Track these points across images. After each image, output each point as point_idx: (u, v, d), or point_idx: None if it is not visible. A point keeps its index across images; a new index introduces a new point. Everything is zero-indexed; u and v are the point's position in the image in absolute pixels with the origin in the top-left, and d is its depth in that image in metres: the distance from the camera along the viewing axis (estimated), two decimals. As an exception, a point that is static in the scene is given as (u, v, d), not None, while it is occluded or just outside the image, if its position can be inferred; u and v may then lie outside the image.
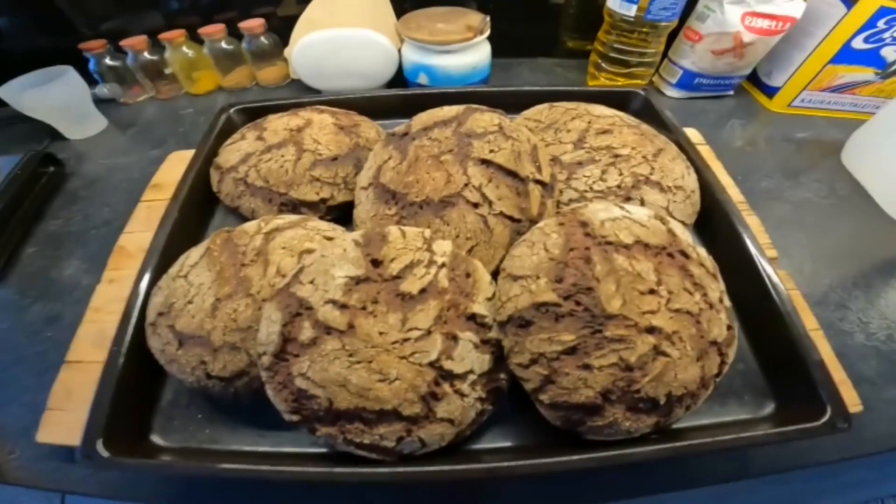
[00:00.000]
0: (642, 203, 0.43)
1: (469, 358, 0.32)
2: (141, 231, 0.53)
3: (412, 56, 0.67)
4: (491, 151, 0.40)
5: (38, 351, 0.45)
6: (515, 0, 0.80)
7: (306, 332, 0.30)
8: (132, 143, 0.73)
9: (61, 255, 0.55)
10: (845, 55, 0.66)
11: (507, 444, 0.37)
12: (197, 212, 0.51)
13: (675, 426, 0.36)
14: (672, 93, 0.76)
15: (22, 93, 0.66)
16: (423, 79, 0.68)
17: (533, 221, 0.40)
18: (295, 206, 0.47)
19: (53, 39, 0.79)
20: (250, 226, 0.41)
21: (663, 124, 0.56)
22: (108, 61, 0.76)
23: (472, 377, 0.32)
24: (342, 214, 0.49)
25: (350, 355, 0.30)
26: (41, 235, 0.57)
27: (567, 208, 0.38)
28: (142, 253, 0.50)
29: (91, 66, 0.76)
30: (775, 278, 0.39)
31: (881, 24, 0.62)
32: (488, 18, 0.65)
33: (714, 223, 0.47)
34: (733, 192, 0.53)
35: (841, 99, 0.73)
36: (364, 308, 0.31)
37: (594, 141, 0.46)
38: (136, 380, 0.37)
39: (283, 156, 0.48)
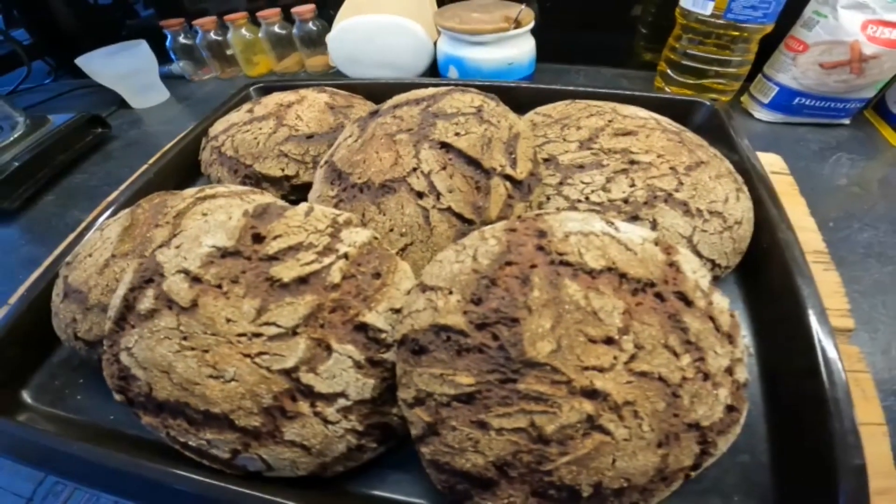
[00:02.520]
0: (654, 226, 0.32)
1: (343, 377, 0.25)
2: (134, 189, 0.54)
3: (445, 47, 0.62)
4: (456, 134, 0.32)
5: (3, 290, 0.46)
6: (588, 5, 0.72)
7: (146, 301, 0.25)
8: (180, 114, 0.77)
9: (69, 206, 0.57)
10: None
11: (417, 500, 0.28)
12: (175, 177, 0.50)
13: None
14: (763, 115, 0.61)
15: (94, 61, 0.72)
16: (452, 72, 0.63)
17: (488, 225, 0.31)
18: (258, 181, 0.44)
19: (154, 17, 0.88)
20: (190, 190, 0.37)
21: (731, 146, 0.43)
22: (182, 39, 0.82)
23: (343, 401, 0.25)
24: (306, 197, 0.44)
25: (184, 338, 0.24)
26: (64, 186, 0.61)
27: (530, 213, 0.29)
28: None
29: (168, 43, 0.82)
30: (831, 353, 0.26)
31: None
32: (528, 8, 0.57)
33: (767, 271, 0.34)
34: (810, 237, 0.38)
35: None
36: (219, 286, 0.25)
37: (608, 142, 0.36)
38: (32, 330, 0.35)
39: (260, 128, 0.45)
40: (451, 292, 0.24)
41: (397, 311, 0.27)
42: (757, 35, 0.55)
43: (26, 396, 0.34)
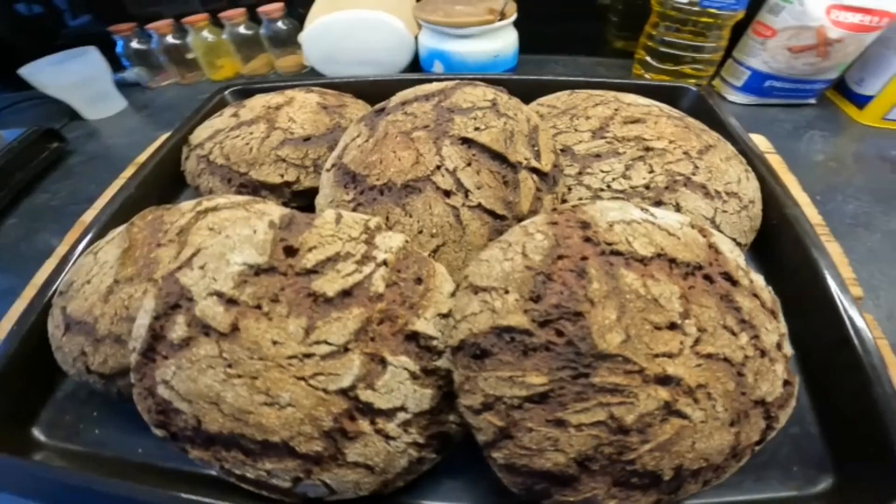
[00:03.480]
0: (678, 210, 0.33)
1: (401, 390, 0.23)
2: (107, 207, 0.49)
3: (427, 41, 0.61)
4: (476, 129, 0.31)
5: None
6: None
7: (178, 329, 0.22)
8: (141, 124, 0.71)
9: (37, 229, 0.52)
10: (964, 58, 0.52)
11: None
12: (158, 191, 0.46)
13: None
14: (736, 97, 0.64)
15: (41, 71, 0.66)
16: (437, 67, 0.61)
17: (521, 220, 0.30)
18: (255, 189, 0.41)
19: (92, 23, 0.81)
20: (187, 203, 0.34)
21: (721, 128, 0.45)
22: (134, 44, 0.76)
23: (403, 415, 0.24)
24: (309, 203, 0.42)
25: (228, 366, 0.22)
26: (26, 207, 0.55)
27: (566, 205, 0.29)
28: None
29: (119, 48, 0.76)
30: (859, 322, 0.28)
31: None
32: (512, 0, 0.57)
33: (780, 246, 0.36)
34: (809, 211, 0.40)
35: (957, 112, 0.57)
36: (258, 307, 0.23)
37: (619, 130, 0.36)
38: (31, 365, 0.32)
39: (251, 133, 0.42)
40: (507, 291, 0.23)
41: (444, 315, 0.26)
42: (730, 21, 0.57)
43: (38, 434, 0.31)
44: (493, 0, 0.58)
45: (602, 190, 0.33)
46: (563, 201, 0.34)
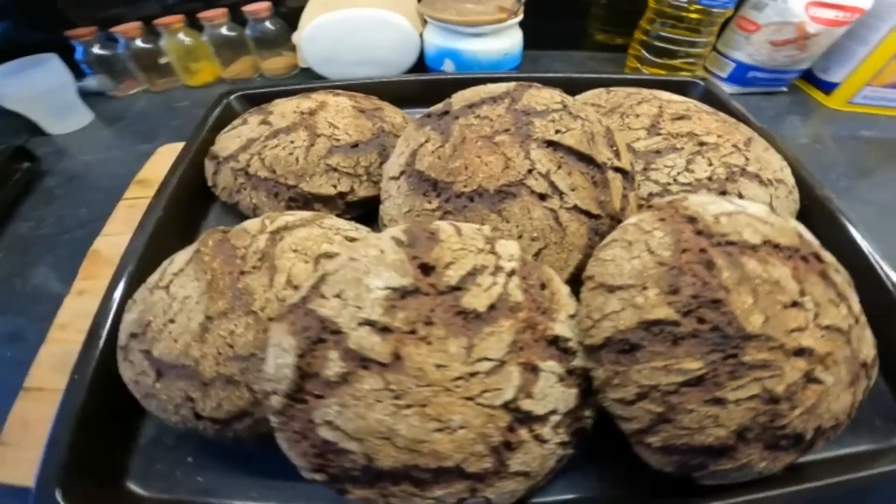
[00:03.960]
0: (740, 198, 0.35)
1: (553, 394, 0.24)
2: (120, 233, 0.44)
3: (436, 40, 0.60)
4: (558, 132, 0.32)
5: None
6: None
7: (333, 365, 0.21)
8: (118, 137, 0.65)
9: (29, 262, 0.46)
10: (914, 50, 0.59)
11: (572, 496, 0.28)
12: (187, 210, 0.43)
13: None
14: (722, 88, 0.69)
15: (-3, 81, 0.58)
16: (448, 65, 0.61)
17: (613, 218, 0.31)
18: (307, 202, 0.39)
19: (42, 30, 0.71)
20: (252, 224, 0.32)
21: (738, 119, 0.48)
22: (96, 50, 0.68)
23: (555, 418, 0.24)
24: (364, 213, 0.41)
25: (397, 397, 0.21)
26: (9, 239, 0.49)
27: (661, 200, 0.30)
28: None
29: (78, 55, 0.68)
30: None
31: (954, 15, 0.55)
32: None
33: (816, 225, 0.39)
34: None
35: (906, 96, 0.66)
36: (413, 332, 0.22)
37: (671, 127, 0.38)
38: (105, 414, 0.29)
39: (292, 141, 0.40)
40: (645, 287, 0.24)
41: (572, 316, 0.26)
42: (721, 18, 0.61)
43: (135, 487, 0.28)
44: (502, -1, 0.58)
45: (670, 184, 0.35)
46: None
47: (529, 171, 0.31)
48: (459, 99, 0.36)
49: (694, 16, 0.60)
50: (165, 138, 0.62)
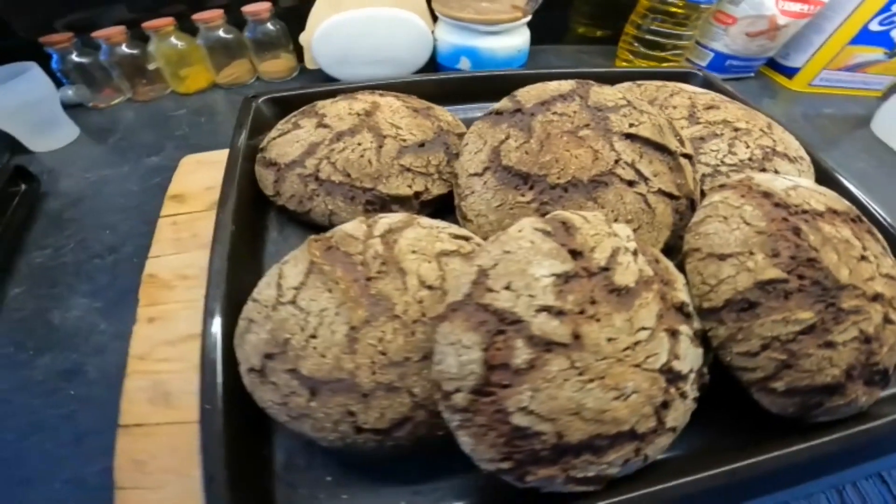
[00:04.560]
0: (776, 174, 0.40)
1: (689, 355, 0.27)
2: (172, 253, 0.43)
3: (451, 38, 0.61)
4: (631, 125, 0.35)
5: (61, 414, 0.34)
6: None
7: (521, 353, 0.23)
8: (117, 151, 0.60)
9: (61, 294, 0.42)
10: (863, 37, 0.69)
11: (675, 453, 0.31)
12: (251, 222, 0.41)
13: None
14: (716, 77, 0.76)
15: (-28, 93, 0.52)
16: (464, 63, 0.62)
17: (689, 198, 0.35)
18: (384, 204, 0.39)
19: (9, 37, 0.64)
20: (352, 228, 0.32)
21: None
22: (74, 58, 0.63)
23: (692, 376, 0.27)
24: (436, 210, 0.42)
25: (581, 374, 0.23)
26: (26, 270, 0.44)
27: (732, 180, 0.34)
28: (181, 281, 0.41)
29: (54, 64, 0.62)
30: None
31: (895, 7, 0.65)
32: (541, -4, 0.60)
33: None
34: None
35: (853, 77, 0.76)
36: (583, 312, 0.24)
37: (706, 115, 0.43)
38: (244, 443, 0.28)
39: (359, 144, 0.40)
40: (752, 253, 0.28)
41: (685, 284, 0.30)
42: (706, 13, 0.67)
43: None
44: (515, -4, 0.61)
45: (719, 166, 0.39)
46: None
47: (616, 161, 0.34)
48: (528, 97, 0.38)
49: (682, 11, 0.66)
50: (173, 149, 0.59)
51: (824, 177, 0.45)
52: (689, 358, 0.27)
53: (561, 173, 0.34)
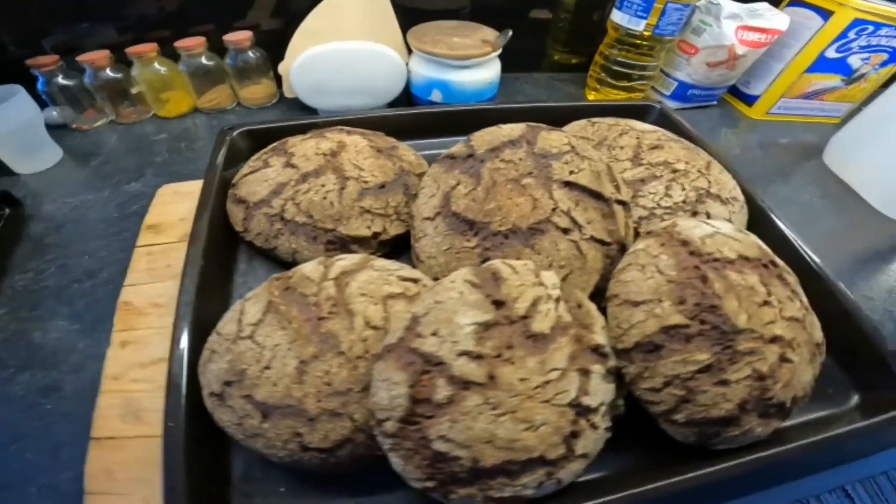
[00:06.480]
0: (708, 216, 0.43)
1: (600, 390, 0.30)
2: (147, 282, 0.45)
3: (424, 71, 0.64)
4: (571, 172, 0.38)
5: (40, 426, 0.37)
6: (501, 14, 0.80)
7: (441, 390, 0.26)
8: (99, 176, 0.63)
9: (42, 316, 0.45)
10: (819, 64, 0.72)
11: (601, 473, 0.34)
12: (220, 256, 0.44)
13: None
14: (667, 104, 0.79)
15: (-41, 120, 0.54)
16: (436, 95, 0.66)
17: (620, 243, 0.38)
18: (344, 244, 0.42)
19: None
20: (310, 270, 0.35)
21: (684, 136, 0.57)
22: (60, 80, 0.65)
23: (602, 409, 0.30)
24: (393, 250, 0.45)
25: (494, 408, 0.26)
26: (8, 293, 0.47)
27: (657, 227, 0.37)
28: (154, 308, 0.43)
29: (40, 86, 0.65)
30: (833, 279, 0.41)
31: (852, 34, 0.68)
32: (510, 33, 0.63)
33: (760, 230, 0.48)
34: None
35: (811, 105, 0.80)
36: (499, 356, 0.27)
37: (650, 157, 0.46)
38: (203, 457, 0.31)
39: (323, 185, 0.43)
40: (661, 300, 0.31)
41: (603, 327, 0.33)
42: (670, 43, 0.71)
43: None
44: (483, 32, 0.64)
45: (655, 208, 0.43)
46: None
47: (553, 210, 0.37)
48: (481, 142, 0.42)
49: (647, 42, 0.69)
50: (153, 176, 0.62)
51: (758, 216, 0.49)
52: (600, 393, 0.30)
53: (503, 221, 0.37)
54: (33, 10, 0.65)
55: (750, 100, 0.81)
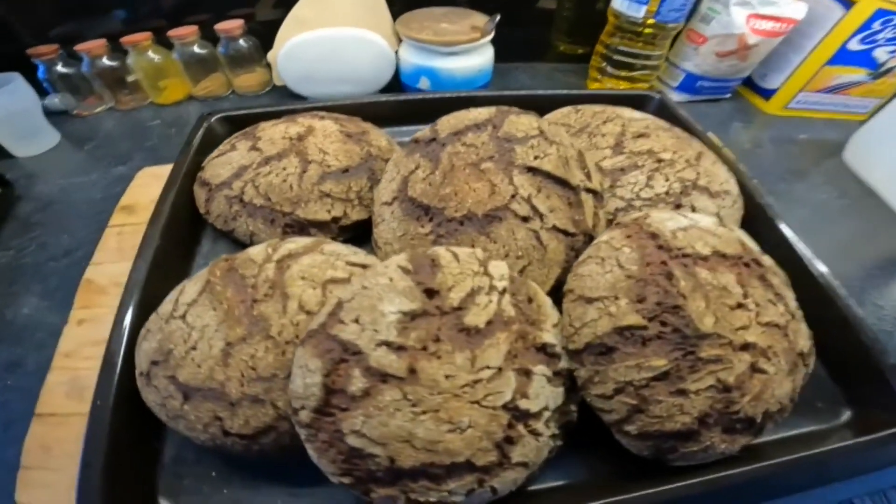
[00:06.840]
0: (693, 210, 0.40)
1: (543, 394, 0.28)
2: (112, 262, 0.46)
3: (412, 58, 0.63)
4: (536, 158, 0.36)
5: None
6: (502, 3, 0.78)
7: (357, 381, 0.24)
8: (91, 159, 0.64)
9: (17, 292, 0.46)
10: (842, 56, 0.67)
11: (563, 482, 0.32)
12: (181, 237, 0.44)
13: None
14: (674, 96, 0.75)
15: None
16: (424, 83, 0.64)
17: (587, 235, 0.35)
18: (303, 227, 0.41)
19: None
20: (256, 252, 0.34)
21: (684, 129, 0.53)
22: (60, 68, 0.67)
23: (546, 414, 0.28)
24: (356, 235, 0.43)
25: (413, 405, 0.24)
26: (-10, 269, 0.48)
27: (627, 218, 0.34)
28: (116, 288, 0.43)
29: (40, 73, 0.66)
30: (836, 285, 0.37)
31: (877, 25, 0.62)
32: (498, 17, 0.61)
33: (758, 229, 0.44)
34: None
35: (834, 100, 0.73)
36: (425, 348, 0.25)
37: (633, 145, 0.43)
38: (129, 435, 0.30)
39: (284, 168, 0.42)
40: (617, 298, 0.28)
41: (555, 325, 0.30)
42: (673, 32, 0.67)
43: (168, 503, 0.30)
44: (474, 18, 0.61)
45: (633, 199, 0.40)
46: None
47: (513, 196, 0.34)
48: (445, 126, 0.39)
49: (649, 30, 0.65)
50: (140, 160, 0.62)
51: (755, 212, 0.45)
52: (543, 397, 0.27)
53: (458, 206, 0.35)
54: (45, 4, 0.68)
55: (767, 93, 0.75)
